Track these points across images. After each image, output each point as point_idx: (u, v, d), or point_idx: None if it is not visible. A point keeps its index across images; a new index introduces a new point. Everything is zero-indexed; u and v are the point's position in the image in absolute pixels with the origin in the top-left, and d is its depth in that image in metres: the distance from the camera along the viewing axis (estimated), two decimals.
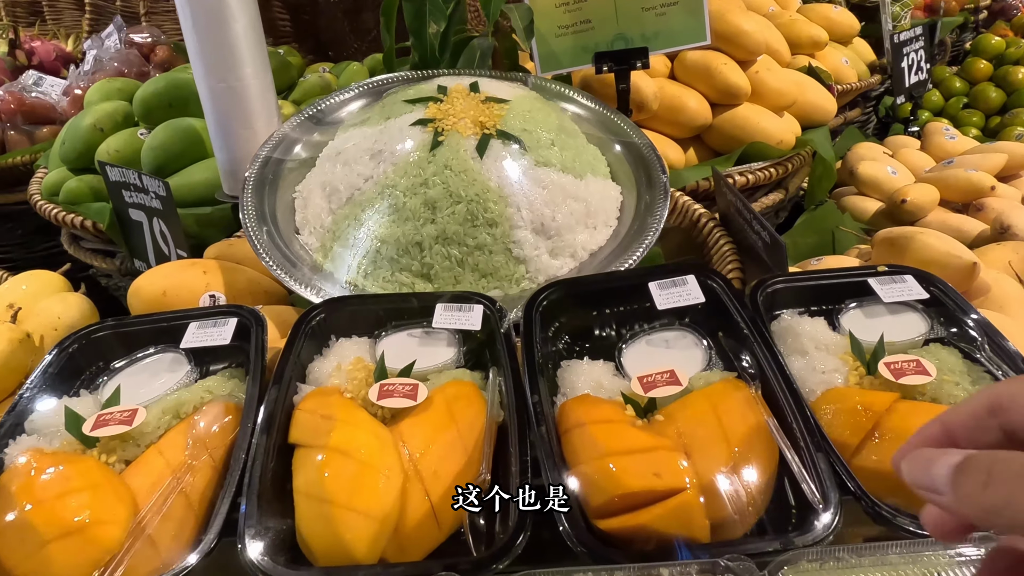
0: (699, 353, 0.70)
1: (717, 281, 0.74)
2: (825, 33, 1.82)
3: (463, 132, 0.86)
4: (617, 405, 0.62)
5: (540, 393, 0.63)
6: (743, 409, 0.60)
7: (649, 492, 0.53)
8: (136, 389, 0.67)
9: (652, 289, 0.73)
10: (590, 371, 0.67)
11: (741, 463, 0.56)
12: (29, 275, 1.20)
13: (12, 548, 0.53)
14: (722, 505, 0.54)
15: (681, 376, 0.63)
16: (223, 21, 1.07)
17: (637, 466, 0.55)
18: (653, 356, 0.70)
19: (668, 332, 0.72)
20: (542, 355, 0.68)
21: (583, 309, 0.75)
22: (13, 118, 1.80)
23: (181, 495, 0.57)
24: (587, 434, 0.58)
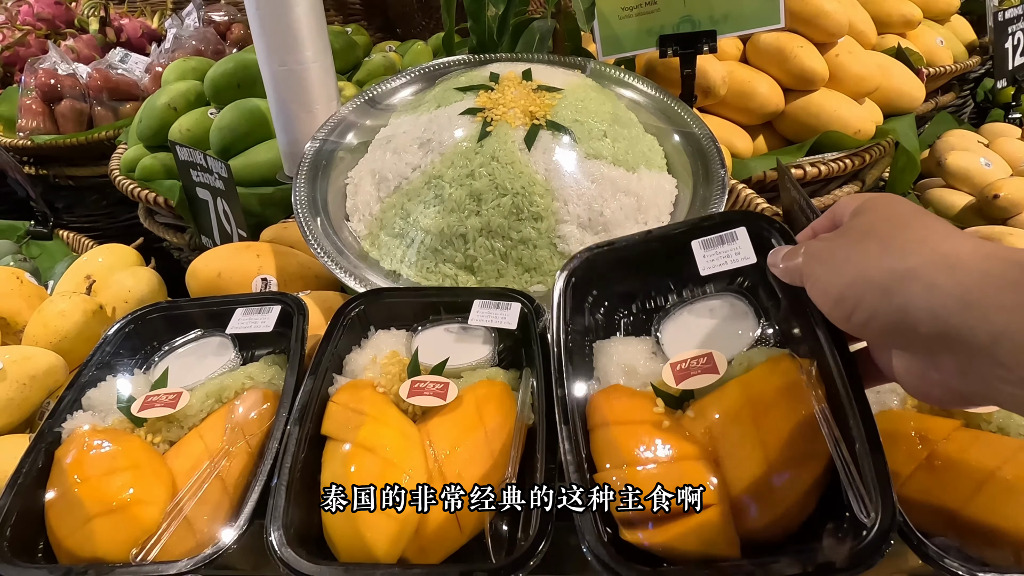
0: (748, 325, 0.61)
1: (774, 234, 0.62)
2: (919, 11, 1.69)
3: (512, 122, 0.84)
4: (647, 399, 0.57)
5: (566, 386, 0.58)
6: (786, 399, 0.54)
7: (675, 509, 0.50)
8: (184, 371, 0.70)
9: (695, 249, 0.64)
10: (624, 352, 0.62)
11: (779, 467, 0.51)
12: (106, 248, 1.28)
13: (61, 519, 0.57)
14: (757, 517, 0.50)
15: (719, 361, 0.57)
16: (284, 5, 1.09)
17: (660, 480, 0.51)
18: (694, 331, 0.63)
19: (714, 300, 0.64)
20: (577, 332, 0.63)
21: (620, 276, 0.67)
22: (100, 94, 1.89)
23: (217, 479, 0.59)
24: (610, 437, 0.55)
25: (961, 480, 0.53)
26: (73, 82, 1.89)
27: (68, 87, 1.88)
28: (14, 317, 1.12)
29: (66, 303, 1.03)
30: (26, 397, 0.93)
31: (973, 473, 0.53)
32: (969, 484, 0.53)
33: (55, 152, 1.83)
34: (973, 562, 0.48)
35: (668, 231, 0.67)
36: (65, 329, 1.02)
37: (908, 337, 0.43)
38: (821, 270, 0.48)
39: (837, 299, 0.46)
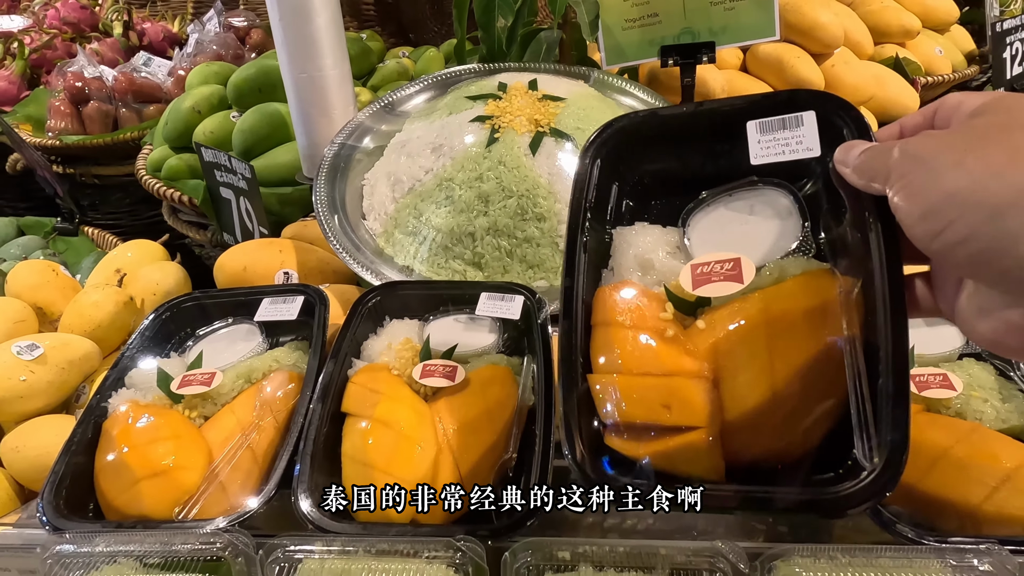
0: (791, 229, 0.53)
1: (849, 126, 0.52)
2: (918, 21, 1.74)
3: (518, 129, 0.91)
4: (657, 301, 0.52)
5: (575, 276, 0.54)
6: (811, 323, 0.48)
7: (657, 427, 0.47)
8: (216, 354, 0.77)
9: (750, 132, 0.55)
10: (642, 242, 0.56)
11: (784, 400, 0.46)
12: (134, 244, 1.35)
13: (111, 482, 0.63)
14: (749, 446, 0.47)
15: (745, 269, 0.50)
16: (306, 16, 1.16)
17: (648, 393, 0.48)
18: (727, 228, 0.55)
19: (757, 194, 0.55)
20: (598, 215, 0.57)
21: (657, 152, 0.59)
22: (125, 96, 1.97)
23: (248, 450, 0.65)
24: (609, 338, 0.51)
25: (918, 458, 0.59)
26: (99, 85, 1.97)
27: (95, 89, 1.96)
28: (50, 307, 1.20)
29: (100, 294, 1.10)
30: (64, 380, 1.00)
31: (929, 451, 0.59)
32: (925, 461, 0.59)
33: (82, 152, 1.91)
34: (922, 528, 0.54)
35: (722, 104, 0.58)
36: (99, 319, 1.09)
37: (1007, 272, 0.36)
38: (917, 172, 0.40)
39: (928, 210, 0.39)
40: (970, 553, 0.50)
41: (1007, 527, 0.55)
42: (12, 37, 2.38)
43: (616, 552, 0.53)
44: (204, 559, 0.55)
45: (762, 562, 0.51)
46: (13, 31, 2.43)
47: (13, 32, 2.42)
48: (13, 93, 2.25)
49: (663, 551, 0.52)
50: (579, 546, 0.53)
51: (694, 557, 0.52)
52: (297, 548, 0.55)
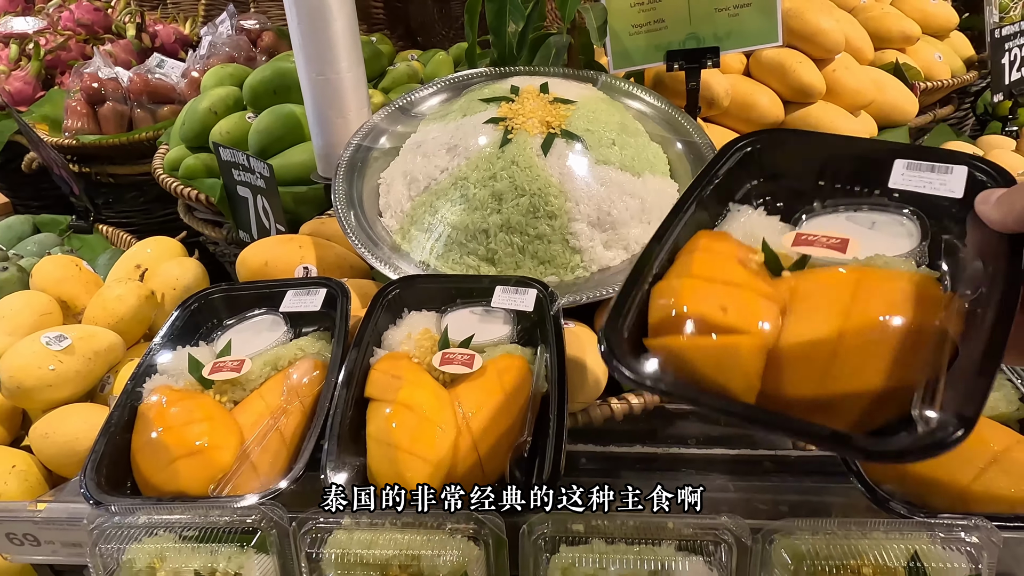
0: (909, 250, 0.52)
1: (996, 179, 0.52)
2: (917, 27, 1.78)
3: (530, 131, 0.94)
4: (750, 252, 0.52)
5: (681, 215, 0.55)
6: (902, 301, 0.45)
7: (706, 322, 0.45)
8: (243, 344, 0.80)
9: (896, 165, 0.55)
10: (754, 222, 0.56)
11: (848, 347, 0.44)
12: (153, 240, 1.39)
13: (148, 461, 0.67)
14: (793, 384, 0.44)
15: (852, 247, 0.49)
16: (324, 20, 1.19)
17: (709, 293, 0.46)
18: (841, 231, 0.53)
19: (881, 213, 0.54)
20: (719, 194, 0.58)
21: (792, 171, 0.59)
22: (140, 97, 2.01)
23: (277, 432, 0.69)
24: (689, 258, 0.51)
25: None
26: (115, 85, 2.01)
27: (111, 90, 2.00)
28: (73, 301, 1.23)
29: (123, 288, 1.14)
30: (91, 370, 1.04)
31: None
32: None
33: (98, 151, 1.95)
34: (913, 506, 0.57)
35: (876, 144, 0.60)
36: (121, 312, 1.13)
37: None
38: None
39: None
40: (959, 528, 0.54)
41: (994, 505, 0.58)
42: (27, 38, 2.42)
43: (627, 526, 0.57)
44: (240, 531, 0.58)
45: (764, 535, 0.55)
46: (28, 32, 2.48)
47: (28, 34, 2.47)
48: (28, 93, 2.29)
49: (671, 525, 0.56)
50: (592, 520, 0.57)
51: (700, 531, 0.56)
52: (328, 521, 0.58)
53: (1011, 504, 0.58)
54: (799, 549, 0.54)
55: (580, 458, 0.76)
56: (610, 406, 0.77)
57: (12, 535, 0.66)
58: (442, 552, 0.56)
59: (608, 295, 0.88)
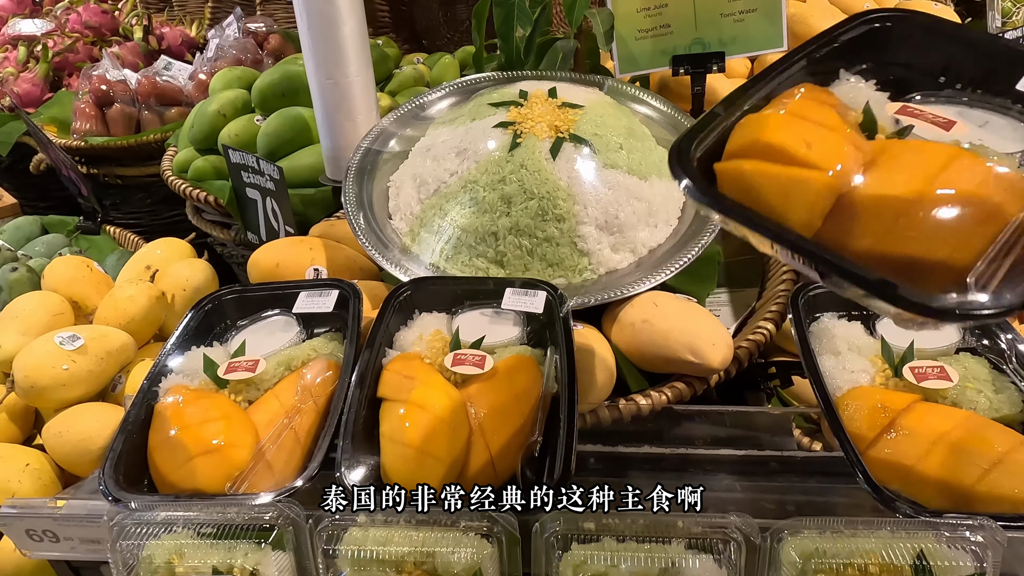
0: (1017, 147, 0.49)
1: None
2: None
3: (539, 135, 0.96)
4: (850, 108, 0.50)
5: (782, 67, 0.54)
6: (999, 183, 0.43)
7: (786, 153, 0.44)
8: (256, 344, 0.81)
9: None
10: (864, 92, 0.53)
11: (928, 207, 0.41)
12: (163, 242, 1.40)
13: (166, 459, 0.68)
14: (861, 234, 0.42)
15: (958, 128, 0.47)
16: (333, 25, 1.21)
17: (797, 128, 0.45)
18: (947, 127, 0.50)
19: (1000, 114, 0.52)
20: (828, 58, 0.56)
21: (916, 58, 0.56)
22: (147, 99, 2.03)
23: (291, 431, 0.70)
24: (788, 98, 0.49)
25: (916, 442, 0.63)
26: (123, 88, 2.03)
27: (119, 92, 2.02)
28: (84, 301, 1.25)
29: (134, 289, 1.15)
30: (103, 370, 1.05)
31: (927, 436, 0.64)
32: (923, 445, 0.63)
33: (106, 153, 1.96)
34: (919, 506, 0.58)
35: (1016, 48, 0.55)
36: (132, 312, 1.14)
37: None
38: None
39: None
40: (964, 527, 0.55)
41: (998, 505, 0.59)
42: (35, 41, 2.44)
43: (637, 524, 0.58)
44: (257, 528, 0.60)
45: (772, 533, 0.56)
46: (36, 35, 2.49)
47: (36, 36, 2.49)
48: (36, 95, 2.31)
49: (680, 524, 0.57)
50: (603, 518, 0.58)
51: (709, 530, 0.57)
52: (343, 518, 0.59)
53: (1015, 504, 0.59)
54: (807, 547, 0.55)
55: (589, 458, 0.77)
56: (618, 407, 0.78)
57: (32, 531, 0.67)
58: (456, 549, 0.57)
59: (615, 298, 0.89)
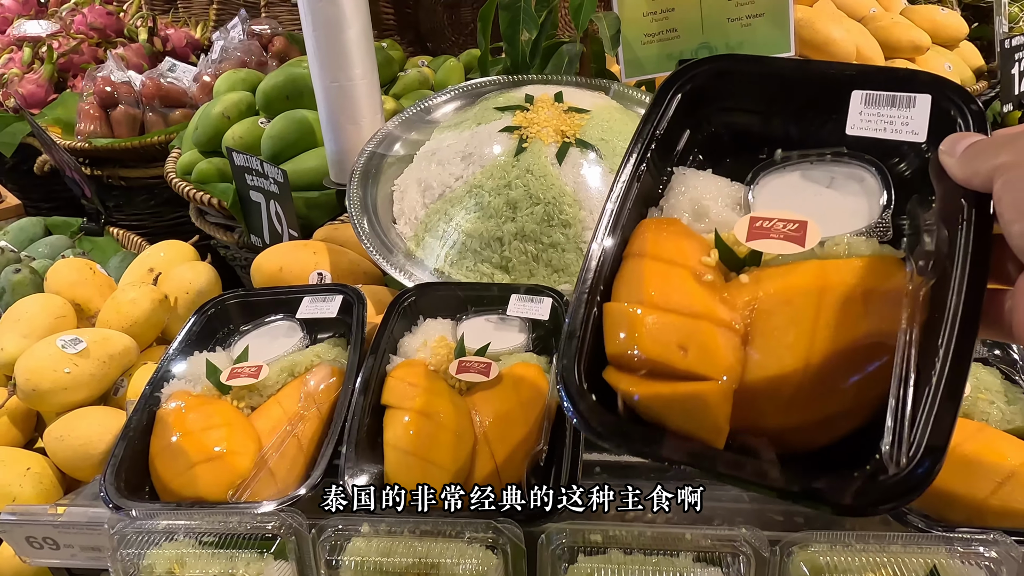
0: (869, 210, 0.48)
1: (967, 118, 0.47)
2: (927, 37, 1.78)
3: (545, 140, 0.95)
4: (701, 246, 0.48)
5: (618, 202, 0.49)
6: (868, 306, 0.43)
7: (665, 366, 0.42)
8: (260, 349, 0.81)
9: (853, 102, 0.50)
10: (702, 187, 0.51)
11: (817, 377, 0.41)
12: (166, 244, 1.39)
13: (167, 466, 0.68)
14: (765, 417, 0.42)
15: (810, 234, 0.45)
16: (338, 28, 1.20)
17: (666, 329, 0.43)
18: (799, 195, 0.50)
19: (841, 167, 0.50)
20: (661, 153, 0.52)
21: (747, 102, 0.54)
22: (152, 101, 2.03)
23: (294, 438, 0.70)
24: (639, 269, 0.47)
25: None
26: (128, 89, 2.03)
27: (123, 94, 2.02)
28: (87, 304, 1.24)
29: (136, 292, 1.15)
30: (105, 374, 1.04)
31: None
32: None
33: (110, 154, 1.96)
34: (931, 520, 0.57)
35: (831, 67, 0.53)
36: (135, 315, 1.13)
37: None
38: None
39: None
40: (977, 542, 0.54)
41: (1011, 520, 0.58)
42: (41, 42, 2.44)
43: (644, 536, 0.57)
44: (259, 537, 0.59)
45: (782, 547, 0.55)
46: (41, 36, 2.50)
47: (41, 37, 2.49)
48: (41, 96, 2.31)
49: (688, 536, 0.56)
50: (610, 530, 0.57)
51: (718, 542, 0.56)
52: (346, 528, 0.59)
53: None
54: (817, 562, 0.54)
55: (594, 467, 0.76)
56: None
57: (32, 538, 0.67)
58: (460, 561, 0.56)
59: None
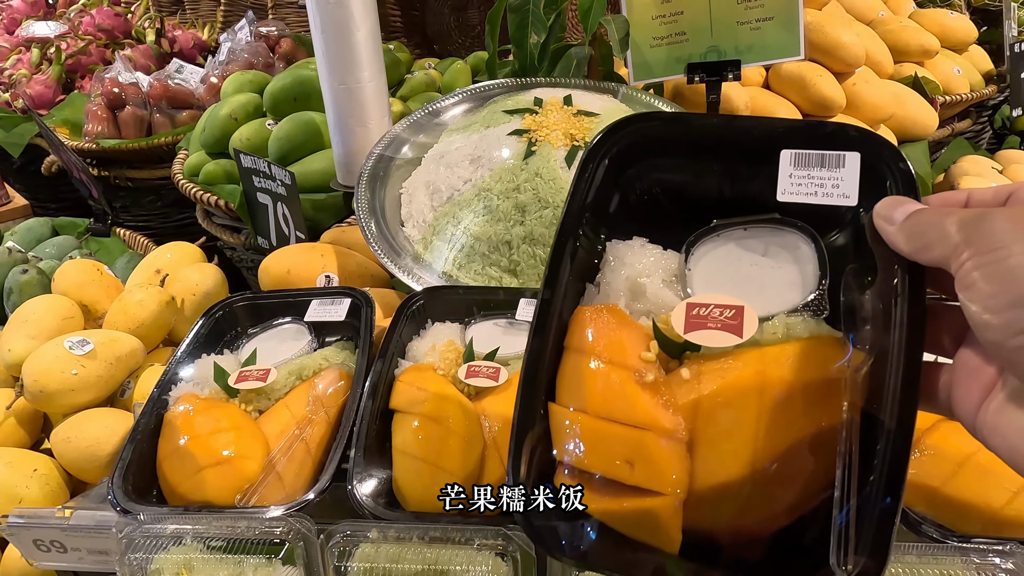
0: (805, 280, 0.47)
1: (896, 178, 0.46)
2: (936, 41, 1.77)
3: (554, 143, 0.95)
4: (641, 336, 0.47)
5: (555, 287, 0.48)
6: (808, 399, 0.43)
7: (615, 482, 0.43)
8: (268, 352, 0.81)
9: (783, 162, 0.48)
10: (637, 263, 0.49)
11: (764, 481, 0.42)
12: (173, 245, 1.39)
13: (175, 470, 0.67)
14: (714, 521, 0.43)
15: (747, 321, 0.45)
16: (347, 30, 1.20)
17: (611, 444, 0.43)
18: (735, 267, 0.49)
19: (775, 234, 0.49)
20: (593, 221, 0.51)
21: (674, 162, 0.52)
22: (159, 102, 2.03)
23: (302, 442, 0.69)
24: (580, 370, 0.46)
25: (942, 463, 0.62)
26: (135, 90, 2.03)
27: (131, 95, 2.02)
28: (94, 305, 1.24)
29: (144, 294, 1.15)
30: (112, 375, 1.04)
31: (953, 457, 0.62)
32: (949, 466, 0.62)
33: (117, 155, 1.96)
34: (946, 530, 0.57)
35: (758, 124, 0.51)
36: (142, 317, 1.13)
37: None
38: (1020, 249, 0.33)
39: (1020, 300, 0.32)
40: (993, 553, 0.53)
41: None
42: (49, 43, 2.45)
43: None
44: (267, 542, 0.58)
45: None
46: (50, 37, 2.51)
47: (50, 38, 2.50)
48: (49, 97, 2.32)
49: None
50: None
51: None
52: (355, 534, 0.58)
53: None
54: None
55: None
56: None
57: (39, 541, 0.66)
58: (470, 568, 0.56)
59: None
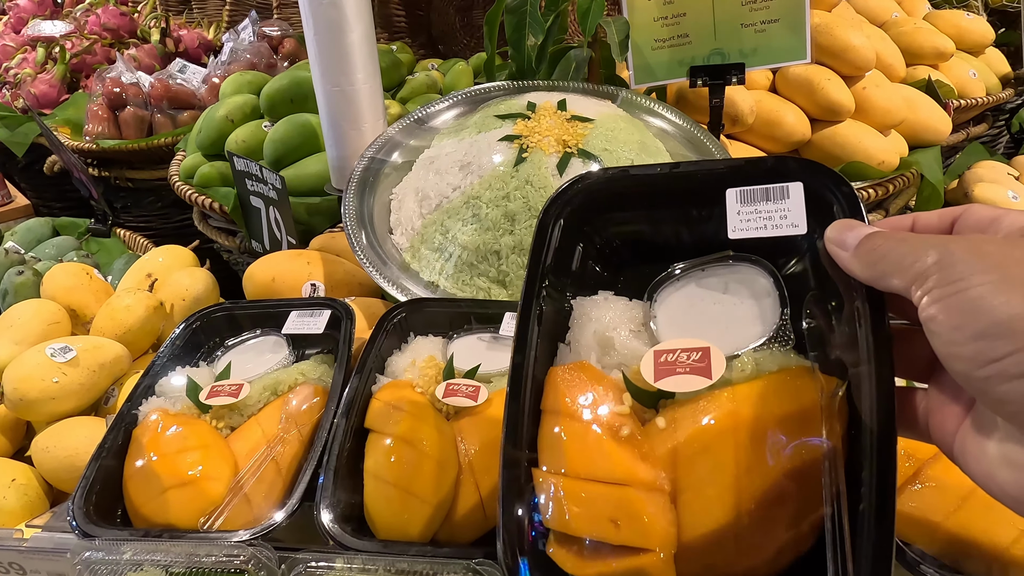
0: (768, 313, 0.48)
1: (840, 202, 0.46)
2: (951, 43, 1.72)
3: (546, 150, 0.91)
4: (614, 390, 0.47)
5: (526, 351, 0.49)
6: (785, 431, 0.43)
7: (603, 544, 0.43)
8: (243, 365, 0.78)
9: (729, 201, 0.50)
10: (605, 317, 0.50)
11: (751, 524, 0.42)
12: (165, 249, 1.38)
13: (139, 490, 0.65)
14: (705, 569, 0.43)
15: (715, 362, 0.45)
16: (340, 31, 1.18)
17: (595, 504, 0.43)
18: (698, 308, 0.50)
19: (733, 272, 0.50)
20: (558, 281, 0.52)
21: (628, 215, 0.54)
22: (160, 103, 2.02)
23: (273, 462, 0.67)
24: (558, 432, 0.46)
25: (945, 496, 0.58)
26: (136, 91, 2.02)
27: (132, 95, 2.01)
28: (83, 310, 1.22)
29: (131, 299, 1.13)
30: (95, 383, 1.02)
31: (956, 490, 0.58)
32: (952, 500, 0.58)
33: (117, 156, 1.96)
34: (947, 570, 0.53)
35: (700, 168, 0.54)
36: (130, 323, 1.11)
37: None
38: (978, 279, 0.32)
39: (986, 331, 0.32)
40: None
41: None
42: (54, 42, 2.45)
43: None
44: (228, 571, 0.56)
45: None
46: (55, 36, 2.51)
47: (55, 37, 2.50)
48: (53, 96, 2.32)
49: None
50: None
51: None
52: (318, 564, 0.55)
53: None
54: None
55: None
56: None
57: None
58: None
59: None
